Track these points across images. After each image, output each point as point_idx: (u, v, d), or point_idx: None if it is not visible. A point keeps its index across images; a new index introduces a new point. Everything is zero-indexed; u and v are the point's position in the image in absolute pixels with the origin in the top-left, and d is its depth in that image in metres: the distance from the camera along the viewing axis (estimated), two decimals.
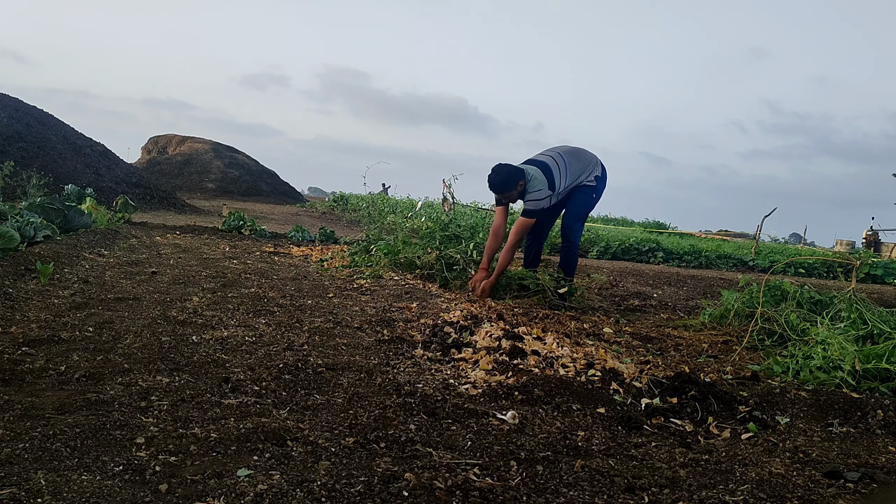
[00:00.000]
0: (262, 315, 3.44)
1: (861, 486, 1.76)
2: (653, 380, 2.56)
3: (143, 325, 2.95)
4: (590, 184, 4.76)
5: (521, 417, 2.13)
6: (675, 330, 4.16)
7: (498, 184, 4.51)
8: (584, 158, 4.78)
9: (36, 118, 15.40)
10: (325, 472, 1.59)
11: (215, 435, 1.76)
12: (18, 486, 1.39)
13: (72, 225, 6.44)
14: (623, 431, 2.12)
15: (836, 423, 2.31)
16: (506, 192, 4.56)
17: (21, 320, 2.86)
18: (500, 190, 4.54)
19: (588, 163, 4.77)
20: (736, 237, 21.13)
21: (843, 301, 3.41)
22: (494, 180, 4.52)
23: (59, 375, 2.15)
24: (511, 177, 4.48)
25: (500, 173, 4.50)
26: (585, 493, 1.61)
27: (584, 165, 4.74)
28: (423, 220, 7.98)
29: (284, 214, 16.96)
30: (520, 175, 4.50)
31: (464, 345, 3.04)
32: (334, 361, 2.62)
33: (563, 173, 4.61)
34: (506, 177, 4.49)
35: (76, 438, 1.66)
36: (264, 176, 26.96)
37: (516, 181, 4.49)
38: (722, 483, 1.73)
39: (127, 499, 1.39)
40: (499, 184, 4.51)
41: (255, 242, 7.95)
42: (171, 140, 28.09)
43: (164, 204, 15.06)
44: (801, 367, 2.94)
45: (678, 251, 12.12)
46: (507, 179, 4.49)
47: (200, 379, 2.26)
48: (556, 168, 4.59)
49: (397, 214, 15.42)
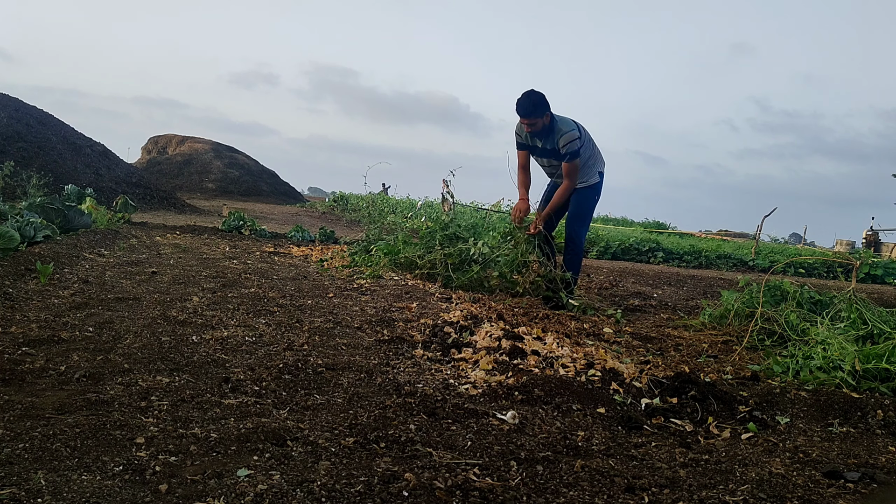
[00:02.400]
0: (262, 315, 3.44)
1: (861, 486, 1.76)
2: (653, 380, 2.56)
3: (143, 325, 2.95)
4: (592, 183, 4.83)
5: (521, 417, 2.13)
6: (675, 330, 4.16)
7: (528, 106, 4.53)
8: (597, 149, 4.90)
9: (36, 118, 15.41)
10: (325, 472, 1.59)
11: (215, 435, 1.76)
12: (18, 486, 1.39)
13: (72, 225, 6.44)
14: (623, 431, 2.12)
15: (836, 423, 2.31)
16: (532, 117, 4.56)
17: (21, 320, 2.86)
18: (529, 113, 4.55)
19: (597, 150, 4.88)
20: (736, 237, 21.13)
21: (843, 301, 3.41)
22: (525, 103, 4.54)
23: (59, 375, 2.15)
24: (542, 102, 4.53)
25: (531, 97, 4.53)
26: (585, 493, 1.61)
27: (594, 149, 4.86)
28: (423, 220, 7.98)
29: (284, 214, 16.97)
30: (547, 107, 4.56)
31: (464, 345, 3.05)
32: (334, 361, 2.62)
33: (584, 135, 4.72)
34: (537, 100, 4.53)
35: (76, 438, 1.66)
36: (264, 176, 26.96)
37: (545, 110, 4.55)
38: (722, 483, 1.73)
39: (127, 499, 1.39)
40: (529, 106, 4.53)
41: (255, 242, 7.95)
42: (171, 140, 28.10)
43: (164, 204, 15.06)
44: (801, 367, 2.94)
45: (678, 251, 12.12)
46: (538, 103, 4.53)
47: (200, 379, 2.26)
48: (581, 126, 4.71)
49: (397, 214, 15.42)
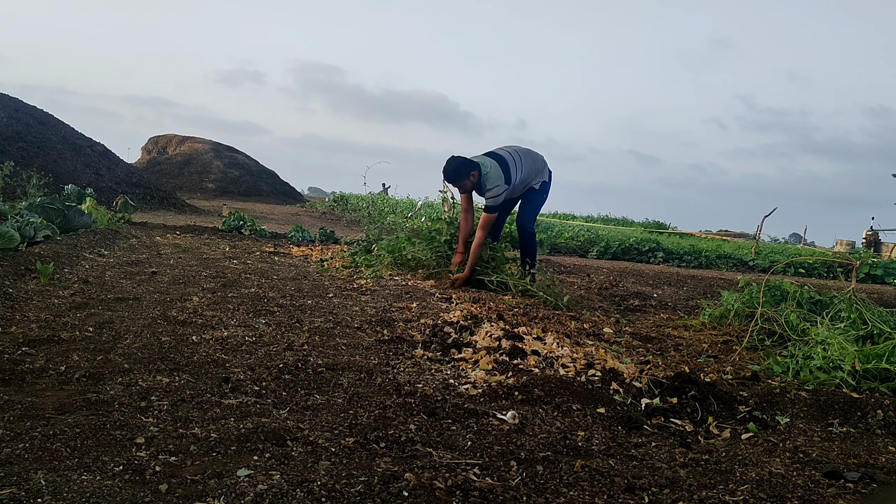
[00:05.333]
0: (262, 315, 3.44)
1: (861, 486, 1.76)
2: (653, 380, 2.56)
3: (143, 325, 2.95)
4: (536, 188, 5.25)
5: (521, 417, 2.13)
6: (675, 330, 4.16)
7: (450, 172, 4.97)
8: (537, 161, 5.25)
9: (36, 118, 15.42)
10: (325, 472, 1.59)
11: (215, 435, 1.76)
12: (18, 486, 1.39)
13: (72, 225, 6.44)
14: (623, 431, 2.12)
15: (836, 423, 2.31)
16: (458, 182, 4.99)
17: (21, 320, 2.86)
18: (452, 179, 5.00)
19: (539, 166, 5.25)
20: (736, 237, 21.14)
21: (843, 301, 3.41)
22: (447, 170, 4.99)
23: (59, 375, 2.15)
24: (462, 167, 4.92)
25: (451, 164, 4.96)
26: (585, 493, 1.61)
27: (536, 167, 5.21)
28: (422, 219, 7.98)
29: (284, 214, 16.97)
30: (472, 166, 4.93)
31: (464, 345, 3.04)
32: (334, 361, 2.62)
33: (518, 169, 5.05)
34: (457, 167, 4.93)
35: (76, 438, 1.66)
36: (264, 176, 26.97)
37: (468, 172, 4.92)
38: (722, 483, 1.73)
39: (127, 499, 1.39)
40: (451, 172, 4.97)
41: (255, 242, 7.96)
42: (170, 140, 28.11)
43: (164, 204, 15.07)
44: (801, 367, 2.94)
45: (678, 251, 12.13)
46: (458, 169, 4.93)
47: (200, 379, 2.26)
48: (513, 163, 5.03)
49: (397, 214, 15.42)
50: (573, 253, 11.94)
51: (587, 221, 22.25)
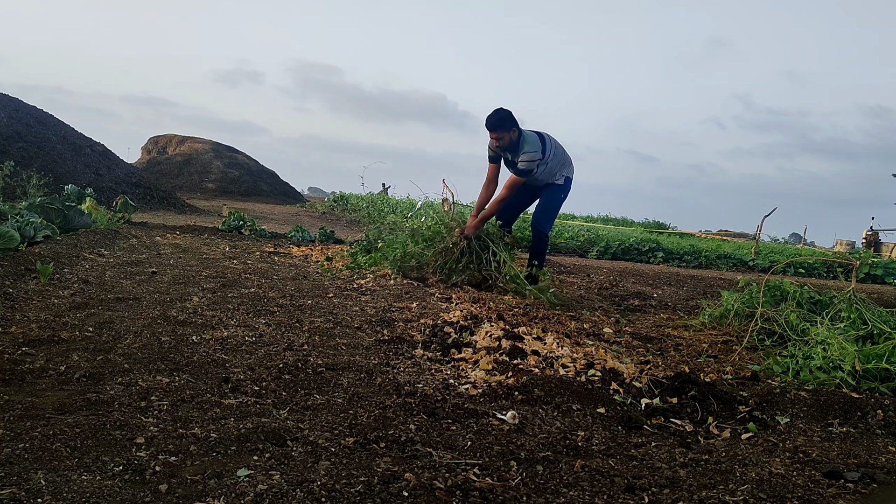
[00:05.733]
0: (262, 315, 3.44)
1: (861, 486, 1.76)
2: (653, 380, 2.56)
3: (143, 325, 2.95)
4: (559, 183, 5.21)
5: (521, 417, 2.13)
6: (675, 330, 4.16)
7: (496, 120, 4.89)
8: (565, 154, 5.25)
9: (36, 118, 15.41)
10: (325, 472, 1.59)
11: (215, 435, 1.76)
12: (18, 486, 1.39)
13: (72, 225, 6.43)
14: (623, 431, 2.12)
15: (836, 423, 2.31)
16: (499, 131, 4.89)
17: (21, 320, 2.85)
18: (496, 126, 4.89)
19: (567, 160, 5.24)
20: (736, 237, 21.14)
21: (843, 301, 3.41)
22: (492, 118, 4.89)
23: (59, 375, 2.15)
24: (508, 119, 4.88)
25: (498, 112, 4.90)
26: (585, 493, 1.61)
27: (564, 159, 5.22)
28: (423, 220, 7.97)
29: (284, 214, 16.96)
30: (515, 124, 4.91)
31: (464, 345, 3.05)
32: (334, 361, 2.62)
33: (551, 150, 5.06)
34: (504, 116, 4.88)
35: (76, 438, 1.66)
36: (264, 176, 26.96)
37: (511, 125, 4.89)
38: (722, 483, 1.73)
39: (127, 499, 1.39)
40: (496, 120, 4.88)
41: (255, 242, 7.95)
42: (170, 140, 28.10)
43: (164, 204, 15.06)
44: (801, 367, 2.94)
45: (678, 251, 12.13)
46: (504, 118, 4.88)
47: (200, 379, 2.26)
48: (549, 142, 5.05)
49: (397, 214, 15.43)
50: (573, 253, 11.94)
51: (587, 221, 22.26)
